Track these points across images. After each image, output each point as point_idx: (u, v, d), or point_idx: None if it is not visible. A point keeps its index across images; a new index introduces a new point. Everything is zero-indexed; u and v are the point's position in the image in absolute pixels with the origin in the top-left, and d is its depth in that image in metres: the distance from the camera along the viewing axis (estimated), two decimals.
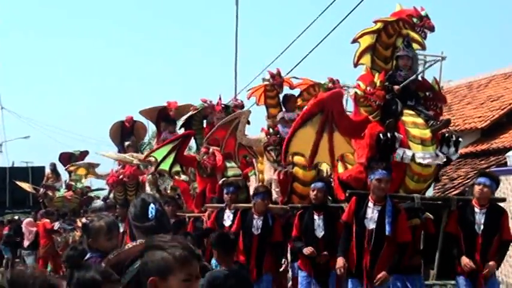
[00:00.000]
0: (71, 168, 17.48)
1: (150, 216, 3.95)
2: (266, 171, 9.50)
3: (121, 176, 13.72)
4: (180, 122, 12.83)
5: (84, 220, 12.32)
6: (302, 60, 13.96)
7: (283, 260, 8.53)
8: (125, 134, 14.97)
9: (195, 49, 65.10)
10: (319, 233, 7.89)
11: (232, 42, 21.66)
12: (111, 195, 14.72)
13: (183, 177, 11.73)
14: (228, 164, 10.45)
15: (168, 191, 12.21)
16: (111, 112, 62.82)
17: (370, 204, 6.88)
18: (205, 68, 62.32)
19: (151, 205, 3.98)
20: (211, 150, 10.50)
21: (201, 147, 10.92)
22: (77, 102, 64.89)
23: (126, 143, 14.43)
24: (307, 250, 7.79)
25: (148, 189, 12.81)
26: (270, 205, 8.68)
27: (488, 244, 6.94)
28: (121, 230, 12.93)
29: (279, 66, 10.00)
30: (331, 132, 7.45)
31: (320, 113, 7.39)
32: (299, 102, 9.90)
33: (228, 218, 8.99)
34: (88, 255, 4.61)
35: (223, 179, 10.14)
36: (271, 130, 9.33)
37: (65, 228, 15.98)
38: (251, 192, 9.53)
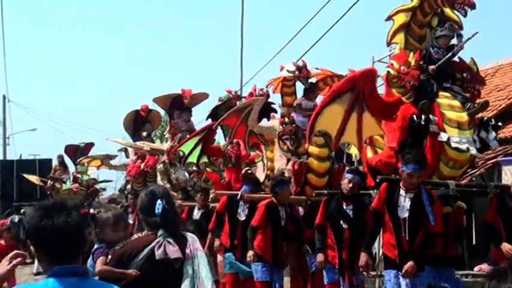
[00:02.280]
0: (85, 160, 17.24)
1: (156, 212, 4.04)
2: (277, 159, 9.31)
3: (142, 166, 13.35)
4: (198, 113, 12.62)
5: (92, 211, 12.16)
6: (308, 50, 13.86)
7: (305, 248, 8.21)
8: (139, 123, 14.63)
9: (201, 41, 64.80)
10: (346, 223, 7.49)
11: (238, 34, 21.70)
12: (128, 186, 14.34)
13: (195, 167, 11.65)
14: (252, 153, 10.26)
15: (186, 181, 12.00)
16: (118, 104, 62.58)
17: (402, 191, 6.42)
18: (211, 59, 62.06)
19: (159, 201, 4.05)
20: (235, 140, 10.20)
21: (227, 138, 10.68)
22: (83, 95, 64.74)
23: (144, 133, 14.06)
24: (319, 259, 7.52)
25: (159, 178, 12.57)
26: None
27: None
28: (130, 221, 12.71)
29: (285, 57, 9.70)
30: (360, 112, 7.01)
31: (351, 91, 6.94)
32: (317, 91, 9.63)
33: (242, 212, 8.79)
34: (96, 246, 4.73)
35: (247, 168, 9.95)
36: (286, 119, 9.08)
37: None
38: (261, 179, 9.47)
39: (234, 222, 8.90)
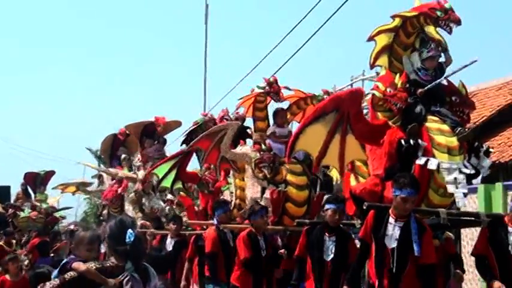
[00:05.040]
0: (60, 187, 16.82)
1: (127, 240, 4.23)
2: (248, 188, 9.06)
3: (119, 190, 12.87)
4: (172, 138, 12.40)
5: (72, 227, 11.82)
6: (277, 71, 13.75)
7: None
8: (116, 147, 14.25)
9: (164, 65, 63.81)
10: (328, 256, 7.11)
11: (202, 61, 21.88)
12: (105, 212, 13.85)
13: (169, 196, 11.49)
14: (229, 180, 9.95)
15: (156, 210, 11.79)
16: (74, 131, 61.15)
17: (391, 220, 5.99)
18: (175, 84, 61.37)
19: (130, 230, 4.25)
20: (212, 166, 9.99)
21: (203, 163, 10.42)
22: (45, 121, 63.21)
23: (122, 156, 13.64)
24: None
25: (130, 208, 12.20)
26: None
27: None
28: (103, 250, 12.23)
29: (251, 80, 9.50)
30: (344, 134, 6.71)
31: (335, 111, 6.63)
32: (287, 115, 9.44)
33: (231, 239, 8.36)
34: (70, 257, 4.92)
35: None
36: (263, 146, 8.80)
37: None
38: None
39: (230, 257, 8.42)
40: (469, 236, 11.81)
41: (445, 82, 6.81)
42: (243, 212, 8.41)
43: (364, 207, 6.30)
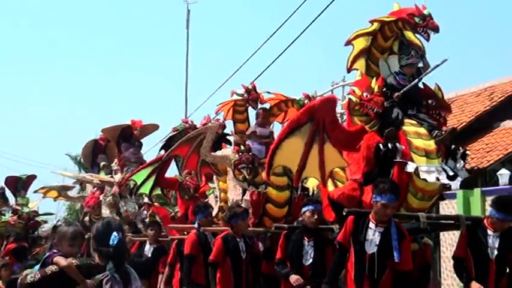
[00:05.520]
0: (42, 191, 16.62)
1: (111, 243, 4.33)
2: (231, 190, 8.91)
3: (101, 197, 12.76)
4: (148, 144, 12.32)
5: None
6: (258, 76, 13.78)
7: None
8: (97, 153, 14.15)
9: (146, 70, 63.47)
10: (307, 260, 7.06)
11: (183, 65, 22.00)
12: (86, 218, 13.71)
13: (146, 199, 11.17)
14: (211, 185, 9.79)
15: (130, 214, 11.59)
16: (56, 137, 60.68)
17: (372, 225, 5.97)
18: (156, 88, 61.18)
19: (115, 233, 4.36)
20: (193, 171, 9.73)
21: (183, 169, 10.19)
22: (25, 125, 62.57)
23: (102, 163, 13.50)
24: (294, 279, 6.95)
25: (107, 212, 12.02)
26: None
27: (502, 271, 6.15)
28: None
29: (232, 85, 9.38)
30: (321, 143, 6.59)
31: (310, 121, 6.52)
32: (269, 116, 9.30)
33: (212, 242, 8.16)
34: (52, 251, 4.92)
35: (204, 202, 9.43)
36: (242, 147, 8.65)
37: None
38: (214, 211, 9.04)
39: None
40: (449, 241, 11.85)
41: (421, 85, 6.80)
42: (224, 215, 8.29)
43: (344, 213, 6.24)
